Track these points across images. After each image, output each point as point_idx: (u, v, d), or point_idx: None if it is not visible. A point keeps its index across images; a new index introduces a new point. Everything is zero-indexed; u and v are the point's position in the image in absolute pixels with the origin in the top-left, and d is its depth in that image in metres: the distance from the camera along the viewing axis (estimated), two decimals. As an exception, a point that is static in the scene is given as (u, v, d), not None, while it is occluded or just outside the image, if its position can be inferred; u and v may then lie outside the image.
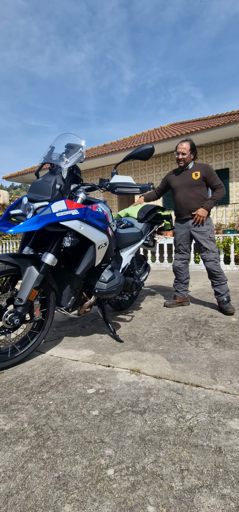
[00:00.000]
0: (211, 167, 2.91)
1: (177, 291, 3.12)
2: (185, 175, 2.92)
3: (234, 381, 1.50)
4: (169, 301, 3.10)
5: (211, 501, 0.84)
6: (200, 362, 1.74)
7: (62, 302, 1.99)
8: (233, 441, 1.07)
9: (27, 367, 1.76)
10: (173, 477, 0.92)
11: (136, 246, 2.69)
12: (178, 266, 3.08)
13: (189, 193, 2.88)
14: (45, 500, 0.86)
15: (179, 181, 2.95)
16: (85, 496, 0.87)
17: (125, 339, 2.18)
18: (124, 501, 0.85)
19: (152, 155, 1.99)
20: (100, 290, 2.01)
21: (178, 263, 3.08)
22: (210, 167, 2.90)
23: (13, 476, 0.95)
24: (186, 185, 2.90)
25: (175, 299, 3.09)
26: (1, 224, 1.77)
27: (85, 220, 1.80)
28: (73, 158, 1.85)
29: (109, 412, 1.28)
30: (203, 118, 11.91)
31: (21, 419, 1.25)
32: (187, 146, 2.86)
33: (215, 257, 2.86)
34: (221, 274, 2.85)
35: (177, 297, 3.09)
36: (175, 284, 3.14)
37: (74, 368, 1.72)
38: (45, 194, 1.75)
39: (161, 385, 1.49)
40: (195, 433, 1.13)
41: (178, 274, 3.10)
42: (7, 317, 1.65)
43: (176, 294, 3.10)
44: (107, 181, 2.03)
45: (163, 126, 12.74)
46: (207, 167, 2.89)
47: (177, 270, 3.10)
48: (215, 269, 2.84)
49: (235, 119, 8.05)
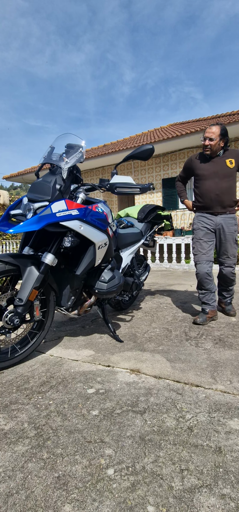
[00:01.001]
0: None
1: (206, 304, 2.52)
2: (216, 162, 2.46)
3: (234, 381, 1.50)
4: (200, 317, 2.46)
5: (211, 501, 0.84)
6: (200, 362, 1.74)
7: (62, 302, 1.99)
8: (233, 441, 1.08)
9: (27, 367, 1.76)
10: (173, 477, 0.92)
11: (136, 246, 2.69)
12: (207, 272, 2.48)
13: (222, 183, 2.43)
14: (45, 500, 0.86)
15: (209, 169, 2.49)
16: (85, 496, 0.87)
17: (125, 339, 2.18)
18: (124, 501, 0.85)
19: (152, 155, 1.99)
20: (100, 290, 2.01)
21: (206, 268, 2.47)
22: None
23: (13, 476, 0.95)
24: (218, 174, 2.44)
25: (207, 314, 2.49)
26: (1, 224, 1.77)
27: (85, 220, 1.80)
28: (73, 158, 1.85)
29: (109, 412, 1.28)
30: (203, 118, 11.91)
31: (21, 419, 1.25)
32: (216, 130, 2.38)
33: (234, 263, 2.54)
34: (234, 282, 2.59)
35: (208, 311, 2.51)
36: (203, 295, 2.54)
37: (74, 368, 1.72)
38: (45, 194, 1.75)
39: (161, 385, 1.49)
40: (195, 433, 1.13)
41: (207, 282, 2.50)
42: (7, 317, 1.65)
43: (206, 307, 2.51)
44: (107, 181, 2.03)
45: (163, 126, 12.75)
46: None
47: (206, 278, 2.49)
48: (231, 276, 2.55)
49: (234, 119, 8.06)
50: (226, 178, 2.44)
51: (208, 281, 2.49)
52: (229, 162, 2.42)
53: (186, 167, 2.69)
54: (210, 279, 2.49)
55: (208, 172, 2.48)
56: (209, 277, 2.48)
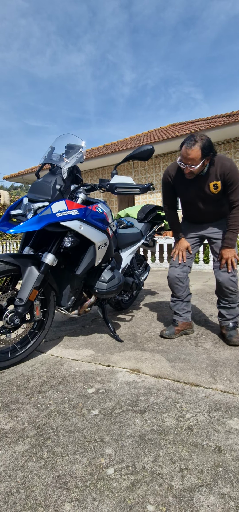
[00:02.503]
0: (235, 169, 1.91)
1: (177, 314, 2.22)
2: (199, 185, 1.99)
3: (234, 381, 1.50)
4: (167, 330, 2.18)
5: (211, 500, 0.84)
6: (199, 362, 1.74)
7: (63, 302, 2.00)
8: (233, 440, 1.08)
9: (28, 366, 1.76)
10: (173, 476, 0.93)
11: (136, 246, 2.70)
12: (177, 277, 2.15)
13: (208, 207, 2.06)
14: (45, 499, 0.86)
15: (190, 193, 2.05)
16: (85, 495, 0.87)
17: (124, 338, 2.18)
18: (124, 500, 0.85)
19: (152, 155, 1.99)
20: (100, 290, 2.02)
21: (177, 272, 2.15)
22: (233, 169, 1.90)
23: (13, 475, 0.95)
24: (202, 198, 2.03)
25: (176, 326, 2.19)
26: (1, 224, 1.77)
27: (85, 220, 1.80)
28: (74, 159, 1.85)
29: (109, 411, 1.28)
30: (202, 119, 11.92)
31: (22, 418, 1.26)
32: (196, 155, 1.80)
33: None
34: (234, 294, 2.03)
35: (178, 323, 2.19)
36: (174, 303, 2.23)
37: (75, 368, 1.72)
38: (45, 194, 1.76)
39: (161, 385, 1.49)
40: (194, 432, 1.13)
41: (177, 288, 2.17)
42: (8, 317, 1.66)
43: (177, 318, 2.21)
44: (107, 181, 2.04)
45: (162, 127, 12.75)
46: (230, 170, 1.89)
47: (176, 283, 2.16)
48: (229, 286, 2.00)
49: (234, 120, 8.06)
50: (211, 205, 2.04)
51: (178, 287, 2.17)
52: (213, 187, 1.94)
53: (165, 187, 2.18)
54: (180, 285, 2.16)
55: (189, 198, 2.08)
56: (179, 282, 2.16)
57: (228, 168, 1.89)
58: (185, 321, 2.20)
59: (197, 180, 1.97)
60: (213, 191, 1.96)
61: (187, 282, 2.20)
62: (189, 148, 1.81)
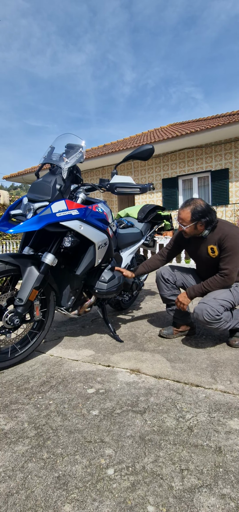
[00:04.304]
0: (233, 236, 1.88)
1: (176, 318, 2.21)
2: (199, 245, 2.06)
3: (234, 381, 1.50)
4: (166, 329, 2.20)
5: (211, 501, 0.84)
6: (199, 362, 1.74)
7: (63, 302, 1.99)
8: (233, 441, 1.08)
9: (27, 367, 1.76)
10: (173, 477, 0.92)
11: (136, 246, 2.69)
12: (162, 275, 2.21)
13: (206, 268, 2.11)
14: (45, 499, 0.86)
15: (195, 250, 2.13)
16: (85, 495, 0.87)
17: (125, 339, 2.18)
18: (124, 500, 0.85)
19: (152, 155, 1.99)
20: (100, 290, 2.01)
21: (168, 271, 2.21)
22: (231, 236, 1.88)
23: (13, 476, 0.95)
24: (202, 259, 2.09)
25: (175, 327, 2.21)
26: (1, 224, 1.77)
27: (85, 220, 1.80)
28: (73, 159, 1.85)
29: (109, 412, 1.28)
30: (203, 119, 11.91)
31: (21, 419, 1.25)
32: (185, 216, 1.93)
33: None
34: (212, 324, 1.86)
35: (177, 325, 2.21)
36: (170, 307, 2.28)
37: (74, 368, 1.72)
38: (45, 194, 1.75)
39: (161, 385, 1.49)
40: (195, 433, 1.13)
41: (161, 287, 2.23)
42: (7, 317, 1.66)
43: (176, 321, 2.22)
44: (107, 181, 2.03)
45: (162, 127, 12.75)
46: (226, 235, 1.89)
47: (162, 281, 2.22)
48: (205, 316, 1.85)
49: (234, 119, 8.05)
50: (210, 267, 2.05)
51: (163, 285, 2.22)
52: (210, 251, 1.98)
53: (175, 237, 2.27)
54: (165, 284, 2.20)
55: (194, 257, 2.18)
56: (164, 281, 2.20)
57: (225, 233, 1.90)
58: (183, 323, 2.21)
59: (200, 242, 2.06)
60: (210, 255, 2.01)
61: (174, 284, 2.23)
62: (181, 208, 1.99)
